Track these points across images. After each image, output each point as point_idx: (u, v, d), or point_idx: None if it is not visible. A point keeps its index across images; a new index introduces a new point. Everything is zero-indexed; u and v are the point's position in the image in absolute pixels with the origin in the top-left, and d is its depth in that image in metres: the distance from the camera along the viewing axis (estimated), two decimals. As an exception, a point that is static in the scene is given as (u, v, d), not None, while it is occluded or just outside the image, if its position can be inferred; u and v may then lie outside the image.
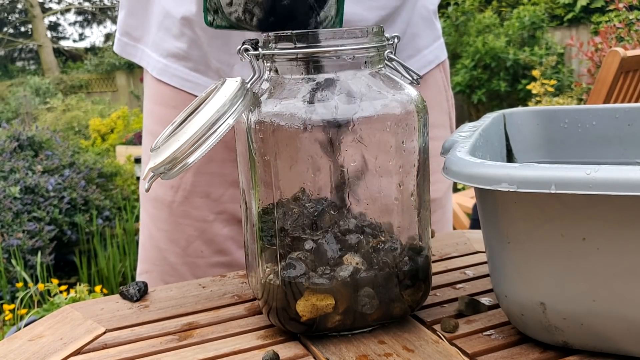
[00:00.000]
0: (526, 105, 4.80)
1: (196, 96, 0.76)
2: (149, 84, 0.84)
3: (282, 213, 0.47)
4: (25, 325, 1.35)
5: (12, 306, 2.35)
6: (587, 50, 3.71)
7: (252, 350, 0.49)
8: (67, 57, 13.32)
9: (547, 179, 0.38)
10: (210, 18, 0.52)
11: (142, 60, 0.83)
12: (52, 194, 3.23)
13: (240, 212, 0.79)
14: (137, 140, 5.11)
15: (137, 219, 3.42)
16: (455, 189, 3.00)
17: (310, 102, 0.46)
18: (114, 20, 14.37)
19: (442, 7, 6.00)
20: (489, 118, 0.58)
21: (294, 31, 0.47)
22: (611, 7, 4.00)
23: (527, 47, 5.56)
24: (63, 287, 2.40)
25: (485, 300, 0.55)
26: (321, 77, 0.48)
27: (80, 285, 2.33)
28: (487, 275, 0.60)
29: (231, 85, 0.48)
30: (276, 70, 0.49)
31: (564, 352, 0.45)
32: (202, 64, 0.78)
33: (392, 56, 0.51)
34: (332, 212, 0.48)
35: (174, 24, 0.77)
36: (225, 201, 0.80)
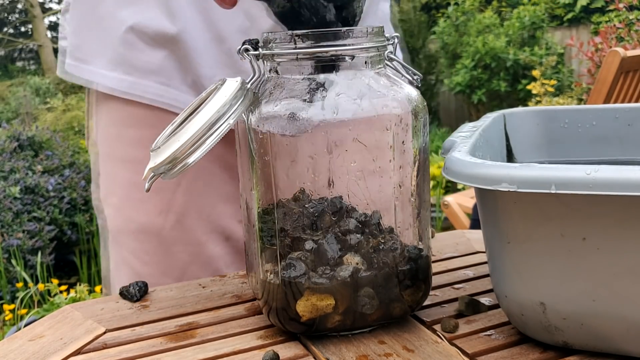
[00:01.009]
0: (526, 105, 4.80)
1: (171, 112, 0.73)
2: (110, 107, 0.78)
3: (282, 213, 0.47)
4: (25, 325, 1.35)
5: (12, 306, 2.35)
6: (587, 50, 3.70)
7: (252, 350, 0.49)
8: (67, 57, 13.28)
9: (547, 179, 0.38)
10: None
11: (93, 82, 0.77)
12: (52, 194, 3.23)
13: (232, 228, 0.78)
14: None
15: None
16: (455, 189, 3.00)
17: (310, 102, 0.46)
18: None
19: (442, 7, 6.01)
20: (489, 118, 0.59)
21: (294, 31, 0.47)
22: (611, 7, 4.00)
23: (527, 47, 5.56)
24: (63, 287, 2.40)
25: (485, 300, 0.55)
26: (321, 77, 0.48)
27: (80, 285, 2.33)
28: (487, 275, 0.60)
29: (231, 85, 0.48)
30: (276, 71, 0.49)
31: (564, 352, 0.45)
32: (176, 78, 0.73)
33: (392, 56, 0.51)
34: (332, 213, 0.48)
35: (142, 39, 0.72)
36: (215, 219, 0.77)
